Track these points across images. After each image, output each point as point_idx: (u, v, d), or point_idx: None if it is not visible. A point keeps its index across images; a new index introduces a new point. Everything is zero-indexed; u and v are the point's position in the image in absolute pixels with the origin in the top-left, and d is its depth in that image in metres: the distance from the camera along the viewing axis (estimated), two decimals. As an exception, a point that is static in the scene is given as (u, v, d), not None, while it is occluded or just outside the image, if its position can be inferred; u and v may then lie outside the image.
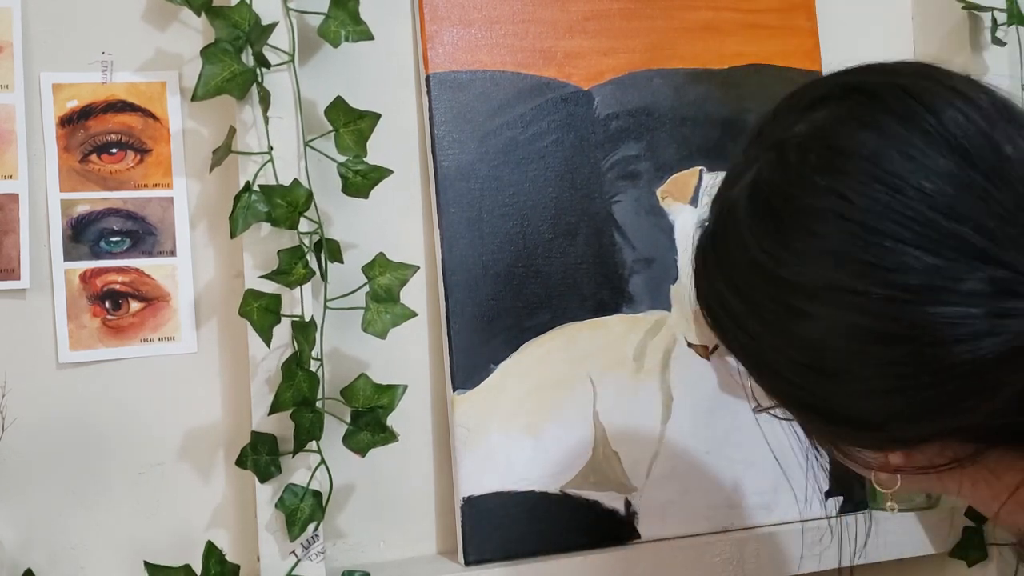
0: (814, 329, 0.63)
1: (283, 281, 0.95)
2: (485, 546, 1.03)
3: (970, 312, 0.59)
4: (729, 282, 0.69)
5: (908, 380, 0.61)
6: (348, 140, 0.99)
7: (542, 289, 1.07)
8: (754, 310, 0.67)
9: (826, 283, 0.62)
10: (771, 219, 0.65)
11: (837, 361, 0.63)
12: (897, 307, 0.60)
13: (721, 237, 0.70)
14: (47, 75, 0.98)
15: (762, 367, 0.69)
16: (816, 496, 1.14)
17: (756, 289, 0.66)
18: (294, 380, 0.95)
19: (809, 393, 0.66)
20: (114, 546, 0.99)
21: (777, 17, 1.17)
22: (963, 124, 0.62)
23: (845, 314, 0.62)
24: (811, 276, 0.63)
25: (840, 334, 0.62)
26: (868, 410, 0.64)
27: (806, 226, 0.63)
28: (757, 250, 0.65)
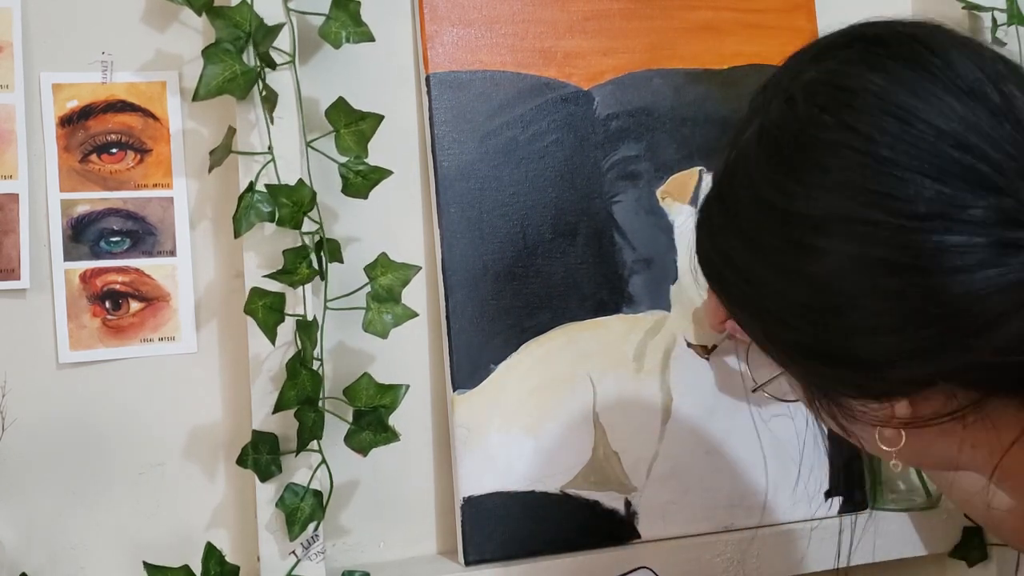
0: (823, 264, 0.64)
1: (287, 281, 0.95)
2: (485, 546, 1.03)
3: (975, 241, 0.60)
4: (735, 229, 0.69)
5: (914, 314, 0.62)
6: (349, 141, 0.99)
7: (542, 289, 1.07)
8: (760, 253, 0.67)
9: (836, 214, 0.63)
10: (780, 156, 0.66)
11: (844, 297, 0.64)
12: (905, 235, 0.61)
13: (728, 184, 0.70)
14: (47, 75, 0.98)
15: (766, 317, 0.69)
16: (816, 496, 1.14)
17: (764, 230, 0.67)
18: (298, 379, 0.95)
19: (815, 337, 0.67)
20: (114, 546, 0.99)
21: (777, 17, 1.17)
22: (969, 68, 0.63)
23: (854, 245, 0.62)
24: (821, 208, 0.63)
25: (848, 267, 0.63)
26: (874, 349, 0.64)
27: (815, 160, 0.64)
28: (766, 187, 0.66)
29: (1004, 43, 1.20)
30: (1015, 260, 0.60)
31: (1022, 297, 0.60)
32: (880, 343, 0.64)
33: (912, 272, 0.61)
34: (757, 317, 0.71)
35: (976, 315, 0.60)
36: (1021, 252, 0.60)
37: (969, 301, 0.60)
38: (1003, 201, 0.60)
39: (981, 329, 0.61)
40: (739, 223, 0.69)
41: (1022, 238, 0.60)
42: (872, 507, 1.16)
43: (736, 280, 0.70)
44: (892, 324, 0.63)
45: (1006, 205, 0.60)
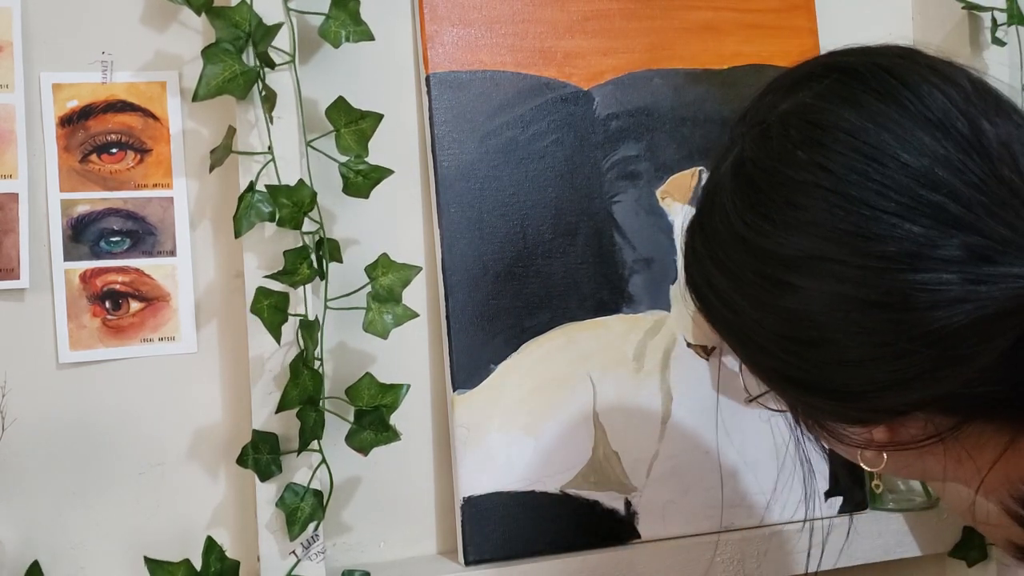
0: (796, 300, 0.65)
1: (288, 281, 0.95)
2: (485, 546, 1.04)
3: (946, 278, 0.60)
4: (715, 258, 0.70)
5: (887, 348, 0.63)
6: (349, 140, 0.99)
7: (542, 289, 1.07)
8: (738, 285, 0.68)
9: (807, 253, 0.64)
10: (754, 193, 0.67)
11: (819, 331, 0.65)
12: (876, 274, 0.62)
13: (708, 215, 0.71)
14: (47, 75, 0.98)
15: (747, 343, 0.70)
16: (815, 496, 1.14)
17: (740, 263, 0.68)
18: (300, 379, 0.95)
19: (793, 366, 0.68)
20: (115, 546, 0.99)
21: (777, 17, 1.17)
22: (940, 101, 0.64)
23: (826, 283, 0.63)
24: (792, 247, 0.64)
25: (821, 303, 0.64)
26: (849, 380, 0.65)
27: (787, 198, 0.65)
28: (740, 224, 0.67)
29: (1004, 43, 1.20)
30: (985, 295, 0.60)
31: (992, 331, 0.60)
32: (855, 374, 0.65)
33: (883, 309, 0.62)
34: (739, 343, 0.72)
35: (948, 349, 0.61)
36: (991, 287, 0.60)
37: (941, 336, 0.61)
38: (971, 238, 0.61)
39: (953, 362, 0.62)
40: (717, 253, 0.70)
41: (990, 274, 0.60)
42: (872, 507, 1.16)
43: (718, 305, 0.71)
44: (866, 357, 0.64)
45: (974, 243, 0.61)
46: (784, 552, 1.11)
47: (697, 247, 0.72)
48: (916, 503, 1.17)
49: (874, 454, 0.71)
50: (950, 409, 0.65)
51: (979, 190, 0.61)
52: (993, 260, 0.60)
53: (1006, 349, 0.61)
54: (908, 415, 0.66)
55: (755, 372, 0.73)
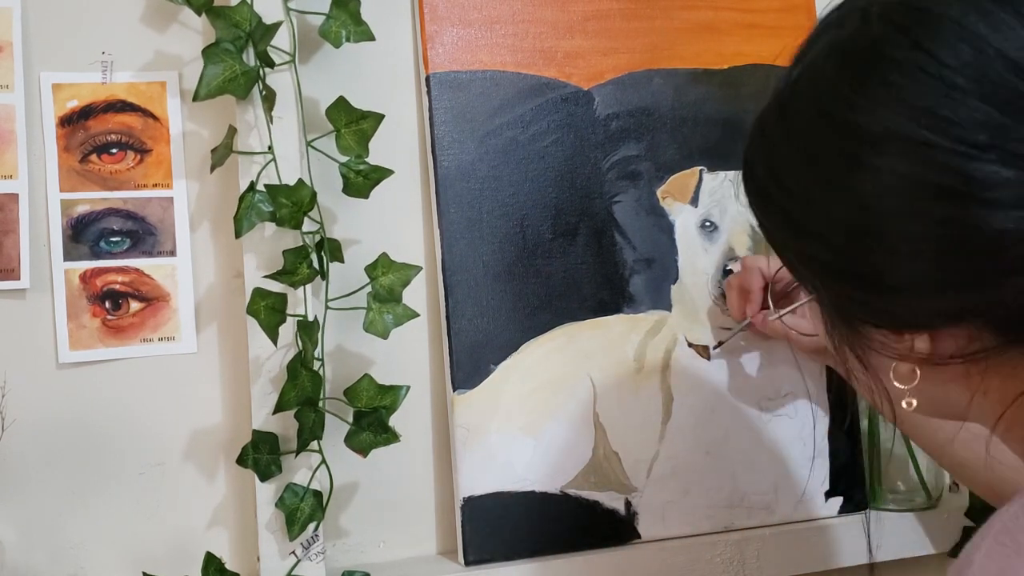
0: (874, 182, 0.64)
1: (287, 281, 0.95)
2: (485, 546, 1.03)
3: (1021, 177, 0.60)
4: (790, 142, 0.70)
5: (952, 243, 0.62)
6: (350, 140, 0.99)
7: (542, 289, 1.07)
8: (813, 167, 0.68)
9: (896, 132, 0.63)
10: (848, 69, 0.67)
11: (888, 217, 0.64)
12: (960, 161, 0.61)
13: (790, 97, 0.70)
14: (47, 75, 0.98)
15: (804, 236, 0.70)
16: (816, 496, 1.14)
17: (821, 142, 0.67)
18: (298, 379, 0.95)
19: (850, 258, 0.67)
20: (114, 546, 0.99)
21: (777, 17, 1.17)
22: None
23: (908, 165, 0.63)
24: (882, 124, 0.64)
25: (898, 187, 0.64)
26: (907, 275, 0.65)
27: (884, 76, 0.65)
28: (830, 98, 0.67)
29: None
30: None
31: None
32: (914, 270, 0.65)
33: (958, 199, 0.62)
34: (793, 235, 0.71)
35: (1012, 254, 0.61)
36: None
37: (1008, 238, 0.61)
38: None
39: (1015, 269, 0.61)
40: (796, 135, 0.70)
41: None
42: (872, 507, 1.16)
43: (779, 195, 0.71)
44: (929, 251, 0.64)
45: None
46: (784, 552, 1.11)
47: (769, 130, 0.72)
48: (916, 503, 1.17)
49: (908, 370, 0.70)
50: (1000, 325, 0.64)
51: None
52: None
53: None
54: (955, 325, 0.66)
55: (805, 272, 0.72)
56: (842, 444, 1.15)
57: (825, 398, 1.15)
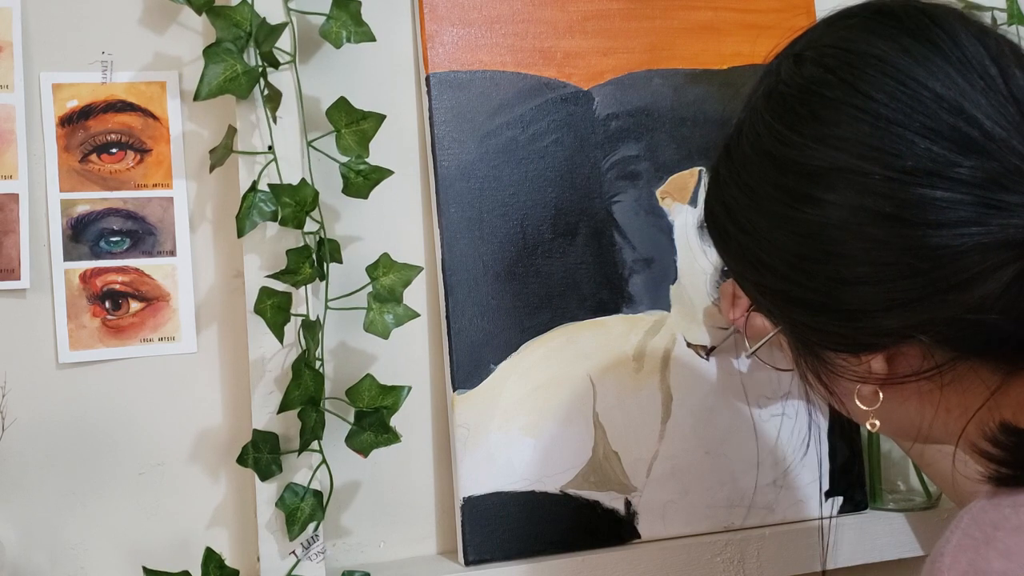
0: (816, 213, 0.68)
1: (291, 281, 0.95)
2: (485, 546, 1.03)
3: (959, 198, 0.63)
4: (737, 180, 0.73)
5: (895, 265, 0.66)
6: (350, 140, 0.99)
7: (542, 289, 1.07)
8: (758, 202, 0.71)
9: (832, 165, 0.67)
10: (784, 110, 0.70)
11: (832, 245, 0.67)
12: (895, 187, 0.65)
13: (736, 139, 0.74)
14: (47, 75, 0.98)
15: (759, 267, 0.73)
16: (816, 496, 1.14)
17: (764, 179, 0.71)
18: (302, 379, 0.95)
19: (801, 286, 0.70)
20: (114, 546, 0.99)
21: (777, 17, 1.17)
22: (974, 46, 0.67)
23: (847, 195, 0.66)
24: (819, 159, 0.67)
25: (840, 216, 0.67)
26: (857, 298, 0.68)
27: (818, 114, 0.68)
28: (769, 138, 0.70)
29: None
30: (995, 222, 0.63)
31: (999, 258, 0.63)
32: (862, 292, 0.68)
33: (897, 223, 0.65)
34: (751, 268, 0.74)
35: (954, 271, 0.64)
36: (1001, 214, 0.63)
37: (948, 256, 0.64)
38: (989, 164, 0.64)
39: (958, 285, 0.64)
40: (741, 174, 0.73)
41: (1004, 201, 0.63)
42: (871, 507, 1.16)
43: (734, 231, 0.74)
44: (875, 274, 0.67)
45: (991, 168, 0.64)
46: (784, 552, 1.11)
47: (721, 172, 0.75)
48: (916, 503, 1.17)
49: (871, 392, 0.74)
50: (949, 340, 0.68)
51: (1001, 125, 0.64)
52: (1008, 188, 0.63)
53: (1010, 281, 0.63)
54: (908, 343, 0.69)
55: (764, 302, 0.75)
56: (842, 444, 1.15)
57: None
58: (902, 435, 0.79)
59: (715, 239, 0.78)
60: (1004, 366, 0.69)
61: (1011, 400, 0.69)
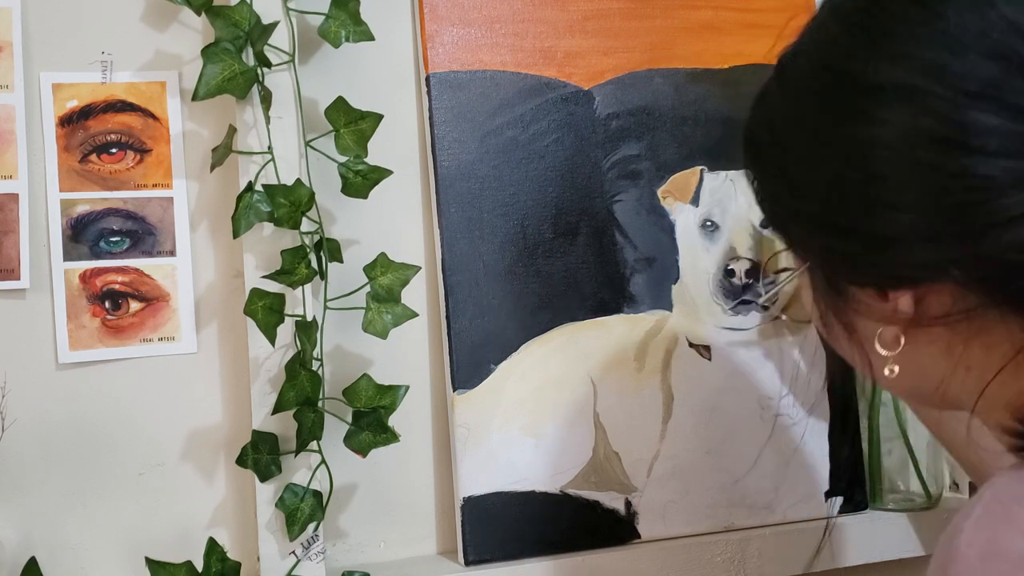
0: (867, 131, 0.66)
1: (286, 281, 0.95)
2: (485, 546, 1.03)
3: (1016, 129, 0.62)
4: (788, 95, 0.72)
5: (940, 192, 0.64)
6: (349, 140, 0.99)
7: (542, 289, 1.07)
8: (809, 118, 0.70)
9: (893, 81, 0.65)
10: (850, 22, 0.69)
11: (880, 165, 0.66)
12: (953, 108, 0.63)
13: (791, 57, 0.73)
14: (47, 75, 0.98)
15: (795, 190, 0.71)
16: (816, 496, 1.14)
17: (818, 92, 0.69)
18: (297, 380, 0.95)
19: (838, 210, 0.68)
20: (114, 546, 1.00)
21: (777, 17, 1.16)
22: None
23: (902, 113, 0.65)
24: (880, 74, 0.66)
25: (891, 135, 0.65)
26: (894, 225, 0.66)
27: (884, 28, 0.67)
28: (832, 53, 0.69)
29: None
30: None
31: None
32: (901, 220, 0.65)
33: (949, 147, 0.63)
34: (787, 191, 0.72)
35: (1000, 205, 0.62)
36: None
37: (995, 189, 0.62)
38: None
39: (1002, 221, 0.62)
40: (795, 91, 0.72)
41: None
42: (871, 507, 1.16)
43: (775, 151, 0.73)
44: (916, 201, 0.65)
45: None
46: (784, 552, 1.11)
47: (770, 91, 0.74)
48: (916, 503, 1.17)
49: (893, 335, 0.71)
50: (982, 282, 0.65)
51: None
52: None
53: None
54: (939, 282, 0.67)
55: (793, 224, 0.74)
56: (842, 444, 1.15)
57: (825, 398, 1.15)
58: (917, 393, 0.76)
59: (750, 163, 0.76)
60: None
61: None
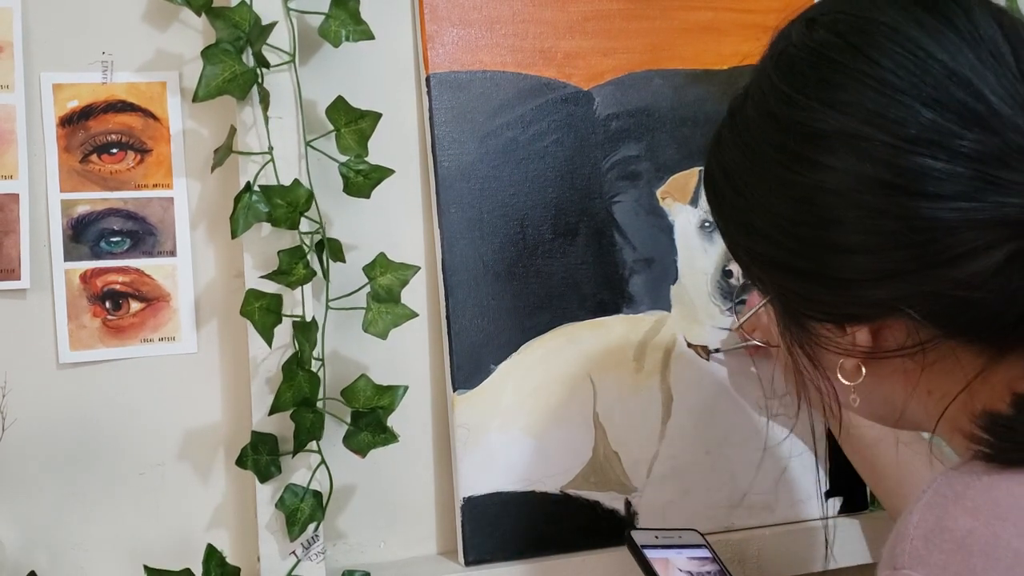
0: (815, 177, 0.68)
1: (283, 281, 0.95)
2: (485, 546, 1.04)
3: (958, 171, 0.63)
4: (739, 142, 0.73)
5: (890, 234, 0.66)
6: (349, 140, 0.99)
7: (542, 289, 1.07)
8: (759, 165, 0.72)
9: (835, 129, 0.67)
10: (792, 73, 0.71)
11: (829, 210, 0.67)
12: (896, 154, 0.65)
13: (741, 103, 0.75)
14: (47, 75, 0.98)
15: (752, 232, 0.73)
16: (816, 496, 1.14)
17: (766, 140, 0.71)
18: (295, 380, 0.95)
19: (793, 252, 0.71)
20: (114, 546, 0.99)
21: (777, 17, 1.14)
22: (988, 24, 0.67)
23: (847, 160, 0.66)
24: (823, 122, 0.67)
25: (837, 181, 0.67)
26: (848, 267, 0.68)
27: (827, 78, 0.68)
28: (776, 100, 0.71)
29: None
30: (992, 199, 0.63)
31: (992, 237, 0.63)
32: (853, 261, 0.68)
33: (894, 191, 0.65)
34: (744, 233, 0.74)
35: (947, 245, 0.64)
36: (999, 191, 0.63)
37: (942, 230, 0.64)
38: (992, 139, 0.64)
39: (950, 261, 0.64)
40: (743, 135, 0.73)
41: (1002, 178, 0.63)
42: (871, 507, 1.16)
43: (730, 194, 0.75)
44: (867, 243, 0.67)
45: (994, 143, 0.63)
46: (784, 552, 1.11)
47: (723, 135, 0.76)
48: (916, 503, 1.17)
49: (854, 366, 0.74)
50: (936, 317, 0.67)
51: (1008, 103, 0.64)
52: (1008, 165, 0.63)
53: (1002, 260, 0.63)
54: (895, 316, 0.69)
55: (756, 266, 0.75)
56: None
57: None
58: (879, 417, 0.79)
59: (711, 202, 0.78)
60: (988, 350, 0.69)
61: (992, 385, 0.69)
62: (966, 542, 0.61)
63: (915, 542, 0.62)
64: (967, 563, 0.60)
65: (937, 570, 0.61)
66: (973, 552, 0.61)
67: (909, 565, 0.62)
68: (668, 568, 0.94)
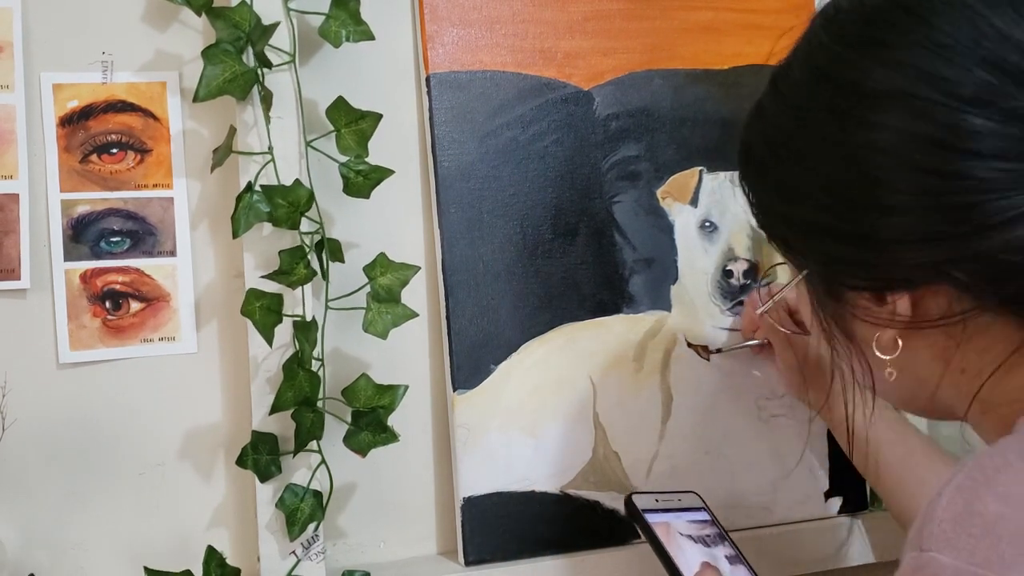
0: (865, 136, 0.68)
1: (284, 281, 0.95)
2: (485, 546, 1.04)
3: (1010, 131, 0.63)
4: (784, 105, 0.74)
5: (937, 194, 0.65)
6: (349, 140, 0.99)
7: (542, 289, 1.07)
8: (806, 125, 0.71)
9: (889, 87, 0.67)
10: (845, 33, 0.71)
11: (877, 169, 0.67)
12: (948, 113, 0.65)
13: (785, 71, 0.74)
14: (47, 75, 0.98)
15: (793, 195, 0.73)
16: (816, 496, 1.14)
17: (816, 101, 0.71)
18: (295, 380, 0.95)
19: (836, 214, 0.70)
20: (114, 546, 0.99)
21: (777, 18, 1.17)
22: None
23: (900, 118, 0.66)
24: (877, 81, 0.67)
25: (889, 140, 0.67)
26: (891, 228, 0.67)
27: (881, 37, 0.68)
28: (828, 61, 0.71)
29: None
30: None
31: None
32: (898, 222, 0.67)
33: (946, 150, 0.64)
34: (784, 199, 0.74)
35: (997, 207, 0.63)
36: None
37: (991, 191, 0.63)
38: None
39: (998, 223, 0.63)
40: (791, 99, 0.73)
41: None
42: (871, 507, 1.16)
43: (775, 166, 0.74)
44: (914, 203, 0.66)
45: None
46: (784, 552, 1.11)
47: (764, 104, 0.76)
48: (916, 503, 1.17)
49: (891, 339, 0.73)
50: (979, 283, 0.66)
51: None
52: None
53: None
54: (936, 283, 0.68)
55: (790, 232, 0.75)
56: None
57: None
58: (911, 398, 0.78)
59: (748, 178, 0.78)
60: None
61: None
62: (996, 528, 0.60)
63: (943, 524, 0.61)
64: (996, 549, 0.59)
65: (965, 554, 0.60)
66: (1002, 538, 0.59)
67: (936, 548, 0.61)
68: (669, 532, 0.94)
